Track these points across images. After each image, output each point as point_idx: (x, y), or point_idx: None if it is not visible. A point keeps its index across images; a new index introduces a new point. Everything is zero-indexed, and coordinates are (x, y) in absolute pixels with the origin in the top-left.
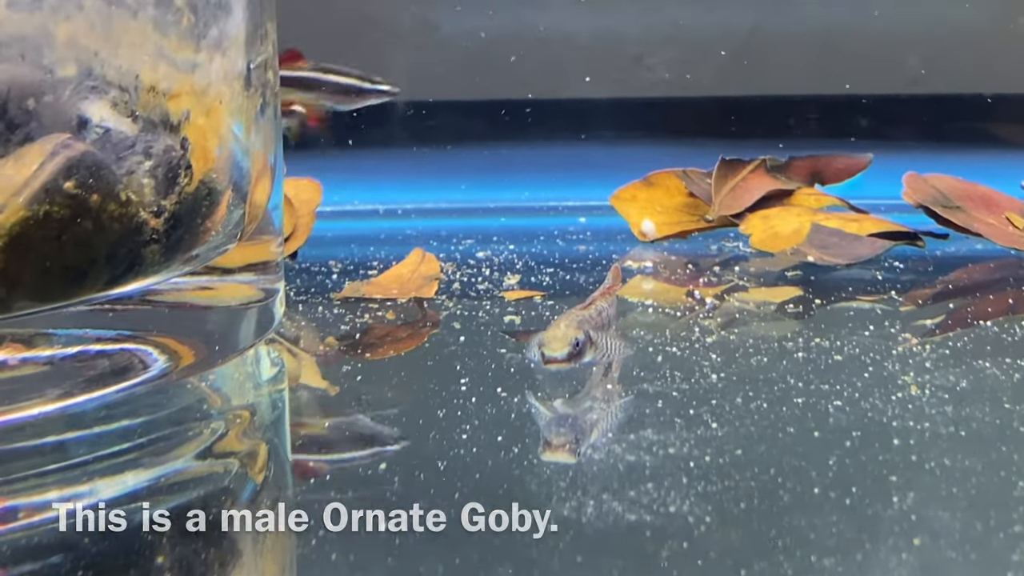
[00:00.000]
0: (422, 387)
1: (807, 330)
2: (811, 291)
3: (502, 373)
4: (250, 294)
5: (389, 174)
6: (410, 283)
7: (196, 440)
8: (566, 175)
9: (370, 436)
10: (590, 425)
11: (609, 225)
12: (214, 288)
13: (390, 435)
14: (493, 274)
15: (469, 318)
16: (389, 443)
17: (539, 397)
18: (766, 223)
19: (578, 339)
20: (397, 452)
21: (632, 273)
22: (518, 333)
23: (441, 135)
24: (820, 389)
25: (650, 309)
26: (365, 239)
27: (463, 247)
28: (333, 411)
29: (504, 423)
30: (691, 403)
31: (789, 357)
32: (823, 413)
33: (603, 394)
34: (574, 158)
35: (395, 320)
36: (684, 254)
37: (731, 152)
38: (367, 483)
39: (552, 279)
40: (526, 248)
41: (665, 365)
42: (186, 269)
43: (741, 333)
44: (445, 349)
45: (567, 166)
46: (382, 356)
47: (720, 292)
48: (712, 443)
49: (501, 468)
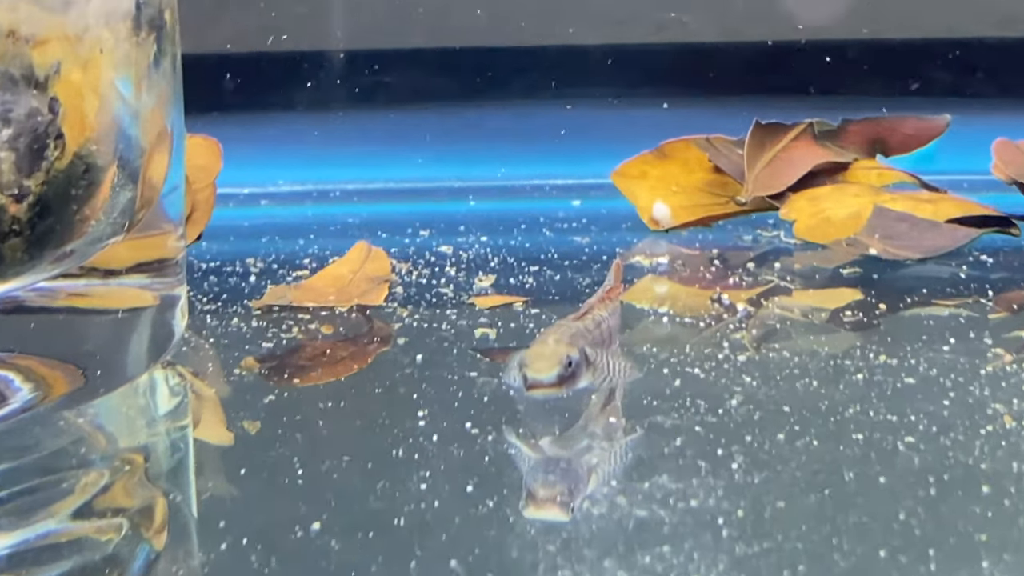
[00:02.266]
0: (368, 423)
1: (869, 345)
2: (874, 294)
3: (472, 404)
4: (143, 302)
5: (323, 144)
6: (352, 287)
7: (72, 494)
8: (554, 145)
9: (300, 488)
10: (587, 471)
11: (610, 210)
12: (95, 294)
13: (326, 487)
14: (460, 274)
15: (429, 332)
16: (325, 497)
17: (521, 435)
18: (814, 206)
19: (571, 358)
20: (335, 509)
21: (641, 272)
22: (493, 351)
23: (391, 93)
24: (887, 422)
25: (664, 319)
26: (293, 229)
27: (420, 239)
28: (251, 456)
29: (475, 469)
30: (719, 441)
31: (846, 380)
32: (891, 453)
33: (604, 430)
34: (564, 122)
35: (332, 335)
36: (708, 247)
37: (768, 114)
38: (295, 552)
39: (537, 280)
40: (503, 240)
41: (684, 392)
42: (58, 270)
43: (783, 349)
44: (398, 373)
45: (555, 133)
46: (316, 382)
47: (755, 296)
48: (747, 493)
49: (471, 529)
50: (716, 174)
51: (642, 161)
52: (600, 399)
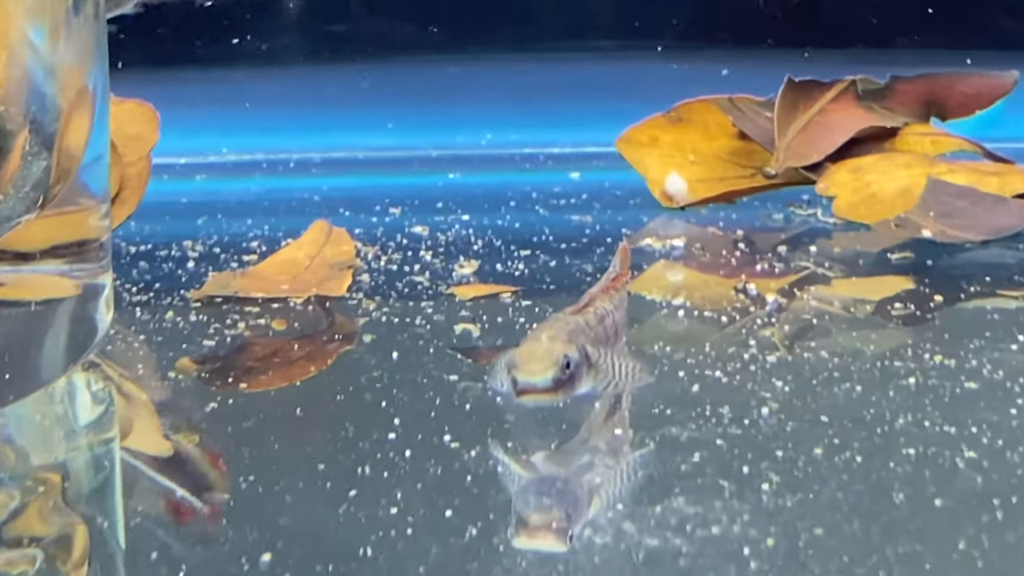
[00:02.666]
0: (329, 436)
1: (923, 343)
2: (928, 283)
3: (452, 413)
4: (60, 292)
5: (275, 105)
6: (309, 274)
7: None
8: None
9: (248, 513)
10: (588, 492)
11: (616, 183)
12: (3, 283)
13: (279, 511)
14: (437, 260)
15: (400, 328)
16: (278, 524)
17: (510, 450)
18: (857, 179)
19: (569, 358)
20: (290, 538)
21: (652, 257)
22: (476, 351)
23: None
24: (944, 434)
25: (680, 312)
26: (239, 206)
27: (391, 218)
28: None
29: (456, 491)
30: (744, 457)
31: (895, 385)
32: (948, 471)
33: (608, 444)
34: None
35: (286, 332)
36: (731, 227)
37: (802, 70)
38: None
39: (528, 267)
40: (488, 220)
41: (704, 398)
42: None
43: (820, 349)
44: (364, 376)
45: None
46: (266, 387)
47: (787, 286)
48: (778, 519)
49: (451, 562)
50: (741, 141)
51: (653, 125)
52: (604, 407)
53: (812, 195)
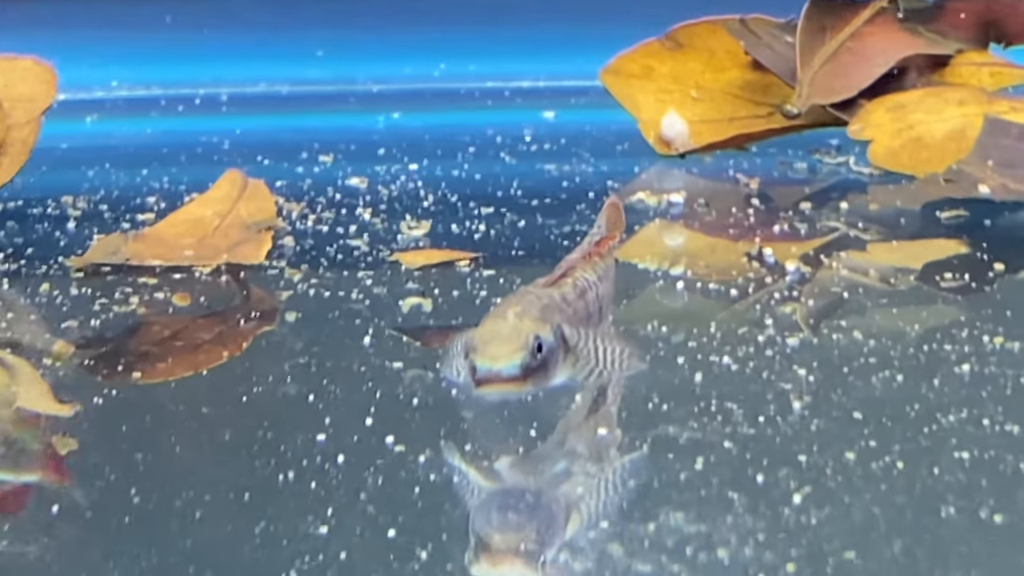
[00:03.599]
0: (243, 438)
1: (978, 322)
2: (985, 248)
3: (396, 409)
4: None
5: (177, 28)
6: (218, 237)
7: None
8: (517, 30)
9: (141, 537)
10: (565, 507)
11: (600, 125)
12: None
13: (182, 532)
14: (379, 220)
15: (332, 304)
16: (180, 547)
17: (468, 455)
18: (899, 120)
19: (541, 341)
20: (197, 562)
21: (645, 215)
22: (427, 332)
23: None
24: (1005, 435)
25: (680, 284)
26: (132, 154)
27: (321, 168)
28: (66, 490)
29: (401, 506)
30: (758, 463)
31: (945, 374)
32: (1010, 480)
33: (590, 447)
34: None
35: (190, 308)
36: (743, 179)
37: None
38: None
39: (491, 229)
40: (442, 170)
41: (709, 391)
42: None
43: (852, 329)
44: (287, 364)
45: (518, 12)
46: (165, 378)
47: (812, 252)
48: (800, 540)
49: None
50: (755, 72)
51: (647, 53)
52: (584, 402)
53: (843, 139)
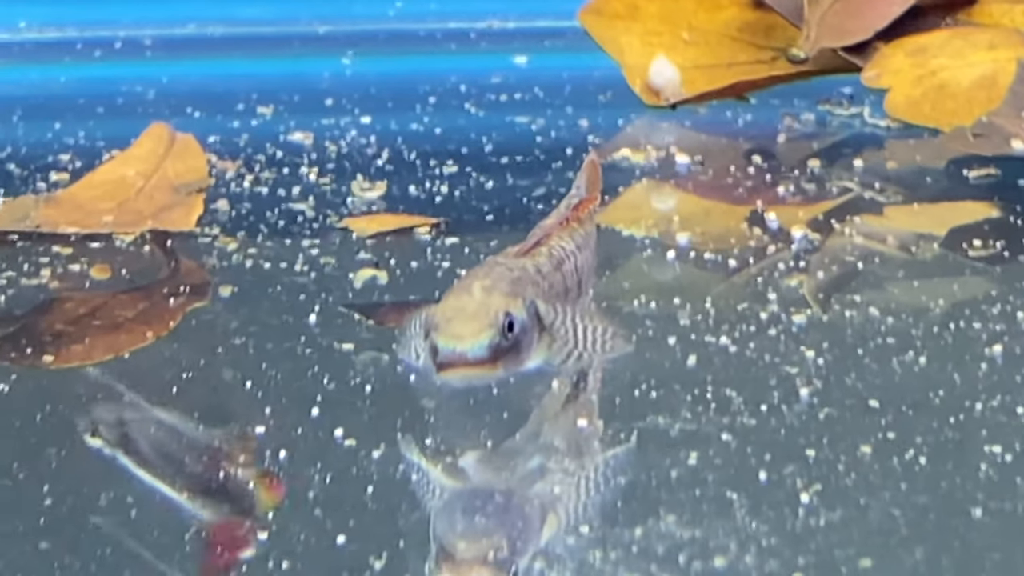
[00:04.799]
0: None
1: (1011, 296)
2: (1019, 211)
3: (347, 397)
4: None
5: None
6: (143, 200)
7: None
8: None
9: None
10: (540, 510)
11: (579, 71)
12: None
13: (101, 536)
14: (326, 180)
15: (273, 277)
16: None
17: (429, 450)
18: (920, 65)
19: (512, 318)
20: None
21: (630, 175)
22: (382, 309)
23: None
24: None
25: (671, 253)
26: (43, 105)
27: (259, 121)
28: None
29: (353, 507)
30: (760, 458)
31: (974, 356)
32: None
33: (569, 441)
34: None
35: (110, 282)
36: (743, 134)
37: None
38: None
39: (454, 191)
40: (398, 123)
41: (704, 376)
42: None
43: (868, 305)
44: (220, 346)
45: None
46: (82, 361)
47: (821, 216)
48: (810, 545)
49: None
50: (755, 11)
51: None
52: (563, 389)
53: (857, 87)
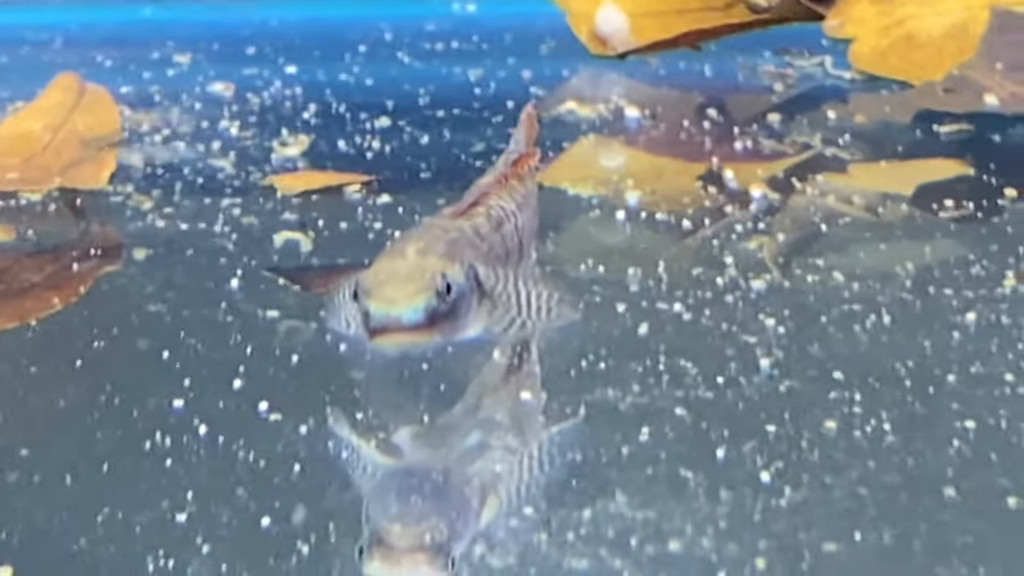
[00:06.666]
0: (82, 404)
1: (986, 259)
2: (993, 170)
3: (271, 368)
4: None
5: None
6: (50, 156)
7: None
8: None
9: None
10: (480, 491)
11: (520, 17)
12: None
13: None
14: (247, 134)
15: (190, 238)
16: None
17: (359, 424)
18: (887, 13)
19: (449, 281)
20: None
21: (575, 130)
22: (308, 273)
23: None
24: (1020, 398)
25: (620, 214)
26: None
27: (175, 71)
28: None
29: (278, 488)
30: (718, 435)
31: (945, 322)
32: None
33: (510, 416)
34: None
35: (14, 244)
36: (697, 86)
37: None
38: None
39: (386, 145)
40: (325, 73)
41: (656, 346)
42: None
43: (832, 270)
44: (134, 313)
45: None
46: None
47: (782, 173)
48: (770, 528)
49: None
50: None
51: None
52: (504, 359)
53: (819, 37)
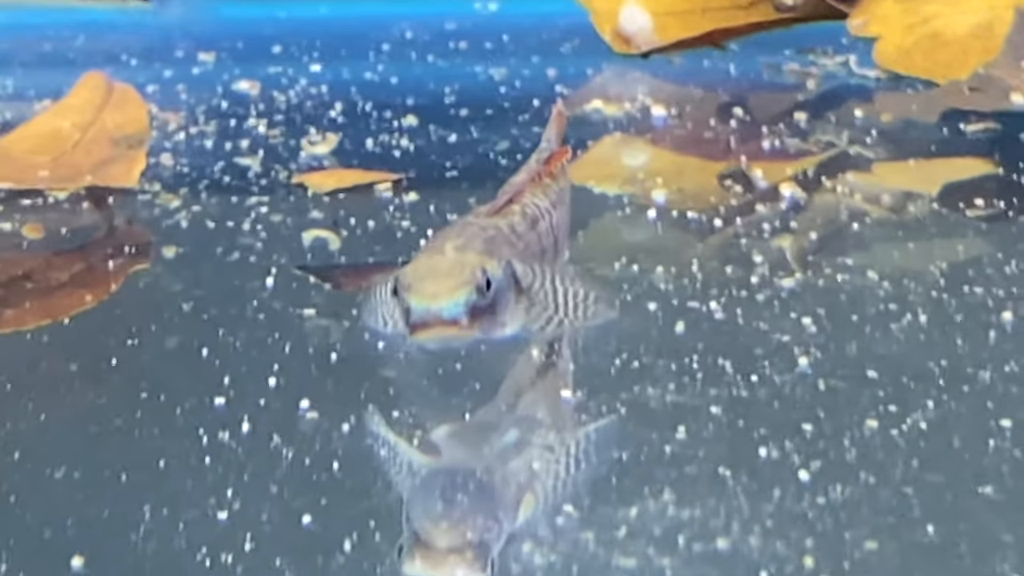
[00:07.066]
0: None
1: (1016, 258)
2: (1021, 168)
3: (308, 367)
4: None
5: None
6: (80, 154)
7: None
8: None
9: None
10: (518, 489)
11: (544, 17)
12: None
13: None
14: (276, 132)
15: (220, 236)
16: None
17: (397, 423)
18: (911, 12)
19: (489, 277)
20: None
21: (601, 129)
22: (340, 272)
23: None
24: None
25: (650, 213)
26: None
27: (202, 69)
28: None
29: (317, 487)
30: (756, 433)
31: (979, 322)
32: None
33: (548, 413)
34: None
35: (44, 242)
36: (722, 84)
37: None
38: None
39: (415, 144)
40: (351, 72)
41: (692, 344)
42: None
43: (861, 268)
44: (167, 312)
45: None
46: (16, 328)
47: (809, 172)
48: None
49: None
50: None
51: None
52: (542, 358)
53: (842, 36)
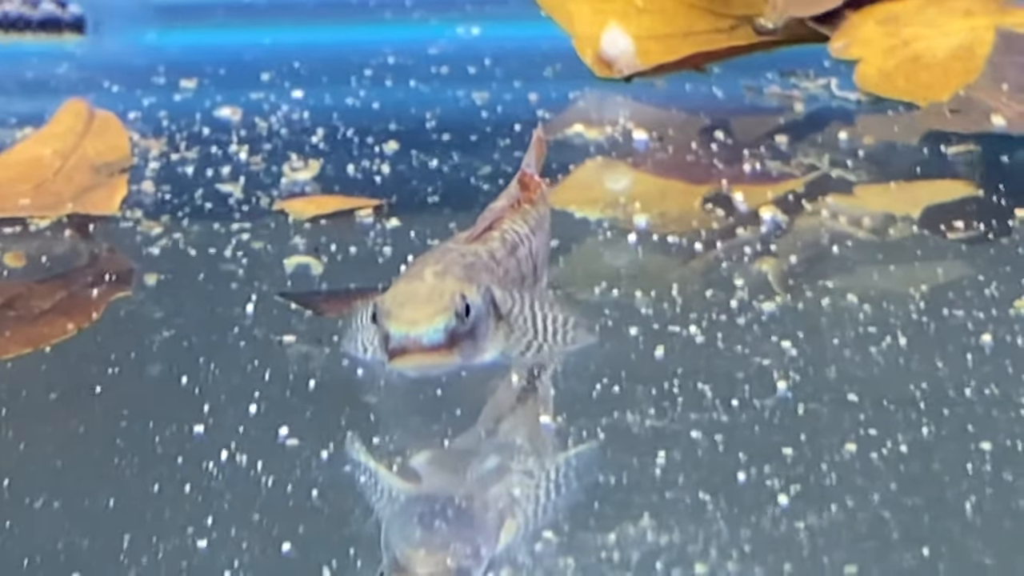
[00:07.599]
0: (97, 430)
1: (997, 281)
2: (1002, 190)
3: (287, 394)
4: None
5: None
6: (61, 182)
7: None
8: None
9: None
10: (498, 514)
11: (526, 41)
12: None
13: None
14: (257, 159)
15: (201, 264)
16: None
17: (377, 449)
18: (892, 34)
19: (468, 303)
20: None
21: (583, 153)
22: (321, 298)
23: None
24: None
25: (631, 237)
26: None
27: (184, 96)
28: None
29: (296, 514)
30: (735, 458)
31: (960, 344)
32: None
33: (528, 439)
34: None
35: (25, 270)
36: (704, 108)
37: None
38: None
39: (395, 169)
40: (334, 97)
41: (672, 368)
42: None
43: (842, 290)
44: (148, 339)
45: None
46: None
47: (790, 196)
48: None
49: None
50: None
51: None
52: (521, 383)
53: (824, 58)
